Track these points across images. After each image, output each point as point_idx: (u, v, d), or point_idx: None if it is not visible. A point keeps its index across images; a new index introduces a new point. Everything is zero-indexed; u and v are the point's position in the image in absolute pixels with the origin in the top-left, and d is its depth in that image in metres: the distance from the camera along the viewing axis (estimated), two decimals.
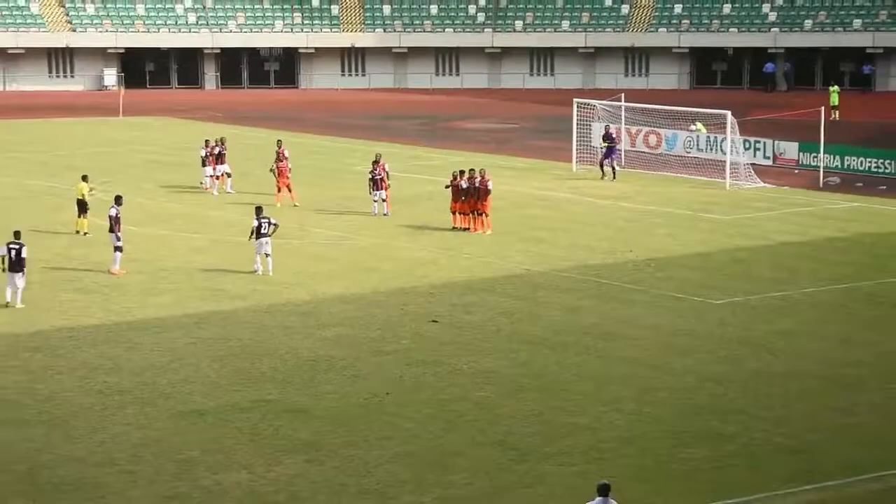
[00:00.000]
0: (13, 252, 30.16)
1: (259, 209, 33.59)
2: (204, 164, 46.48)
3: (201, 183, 46.71)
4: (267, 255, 32.77)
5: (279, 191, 43.45)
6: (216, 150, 46.29)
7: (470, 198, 39.45)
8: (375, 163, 42.41)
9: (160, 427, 22.18)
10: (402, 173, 48.22)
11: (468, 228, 39.47)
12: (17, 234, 30.88)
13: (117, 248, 33.33)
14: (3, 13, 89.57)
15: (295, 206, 42.56)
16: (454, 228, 39.66)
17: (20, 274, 30.07)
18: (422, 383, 24.66)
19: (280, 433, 21.92)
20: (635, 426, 22.43)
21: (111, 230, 33.67)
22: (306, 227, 39.73)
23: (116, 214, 33.80)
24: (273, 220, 33.19)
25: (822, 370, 25.87)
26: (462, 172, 40.09)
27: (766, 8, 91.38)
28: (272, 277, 32.74)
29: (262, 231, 32.79)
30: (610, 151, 50.64)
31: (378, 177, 42.03)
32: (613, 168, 50.47)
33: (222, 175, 46.17)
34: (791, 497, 19.59)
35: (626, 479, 19.72)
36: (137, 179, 49.35)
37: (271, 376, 25.00)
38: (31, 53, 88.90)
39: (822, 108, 51.40)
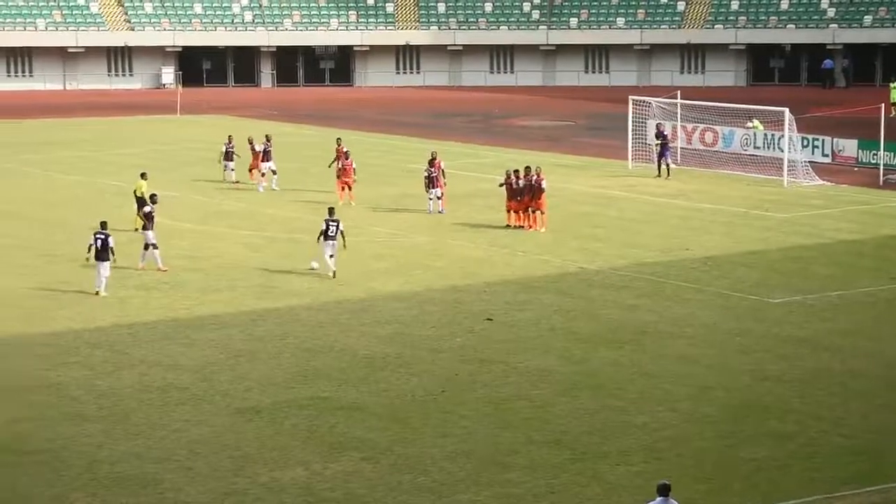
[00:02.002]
0: (99, 241, 30.82)
1: (331, 210, 33.49)
2: (226, 159, 47.87)
3: (232, 181, 47.45)
4: (331, 256, 32.70)
5: (343, 189, 43.65)
6: (261, 148, 46.67)
7: (525, 196, 39.40)
8: (431, 161, 42.47)
9: (218, 424, 22.33)
10: (456, 171, 48.20)
11: (523, 226, 39.42)
12: (103, 225, 31.68)
13: (152, 246, 33.44)
14: (64, 13, 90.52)
15: (351, 204, 42.67)
16: (508, 226, 39.63)
17: (106, 263, 30.83)
18: (477, 381, 24.66)
19: (336, 430, 22.00)
20: (692, 426, 22.30)
21: (145, 228, 33.82)
22: (362, 225, 39.80)
23: (151, 212, 34.05)
24: (341, 227, 32.94)
25: (882, 370, 25.59)
26: (517, 171, 40.06)
27: (824, 4, 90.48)
28: (328, 275, 32.79)
29: (329, 234, 32.64)
30: (664, 149, 50.40)
31: (433, 175, 42.09)
32: (668, 165, 50.24)
33: (267, 172, 46.46)
34: (853, 498, 19.38)
35: (683, 479, 19.61)
36: (194, 177, 49.69)
37: (327, 374, 25.09)
38: (91, 52, 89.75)
39: (882, 104, 50.82)
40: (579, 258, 35.45)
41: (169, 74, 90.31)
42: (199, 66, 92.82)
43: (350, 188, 43.67)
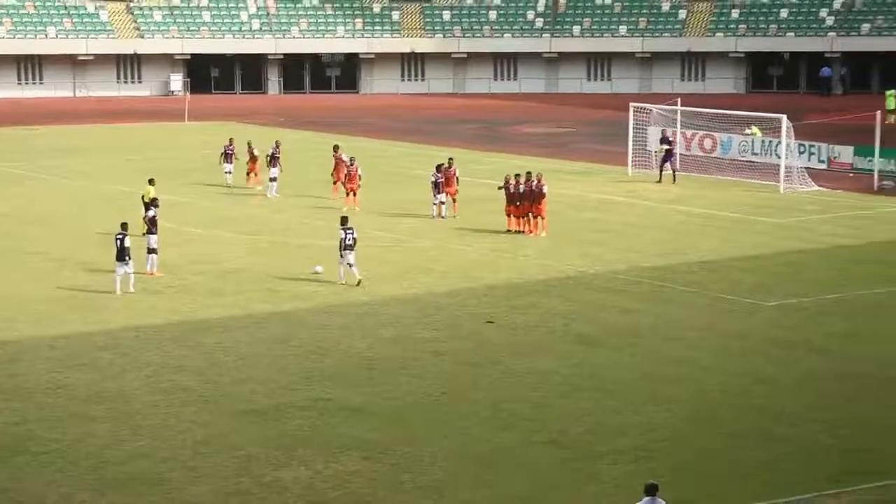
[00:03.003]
0: (118, 241, 31.30)
1: (344, 219, 33.35)
2: (225, 161, 48.80)
3: (229, 183, 48.48)
4: (350, 265, 32.64)
5: (347, 194, 43.82)
6: (269, 152, 46.92)
7: (525, 201, 39.51)
8: (439, 167, 42.58)
9: (222, 425, 22.46)
10: (460, 176, 48.19)
11: (523, 231, 39.55)
12: (123, 226, 31.98)
13: (153, 251, 33.60)
14: (74, 21, 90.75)
15: (355, 210, 42.77)
16: (508, 231, 39.76)
17: (123, 263, 31.38)
18: (477, 383, 24.77)
19: (338, 431, 22.12)
20: (688, 427, 22.40)
21: (150, 232, 33.92)
22: (365, 230, 39.88)
23: (154, 216, 34.21)
24: (355, 234, 32.71)
25: (877, 371, 25.68)
26: (517, 175, 40.18)
27: (823, 12, 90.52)
28: (333, 279, 32.88)
29: (347, 242, 32.61)
30: (668, 155, 50.53)
31: (440, 180, 42.26)
32: (673, 172, 50.38)
33: (275, 178, 46.68)
34: (844, 496, 19.49)
35: (679, 479, 19.73)
36: (201, 182, 49.83)
37: (330, 376, 25.21)
38: (100, 60, 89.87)
39: (878, 111, 50.87)
40: (579, 262, 35.56)
41: (177, 82, 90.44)
42: (207, 73, 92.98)
43: (355, 194, 43.81)
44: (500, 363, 25.99)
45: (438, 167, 42.69)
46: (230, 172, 48.77)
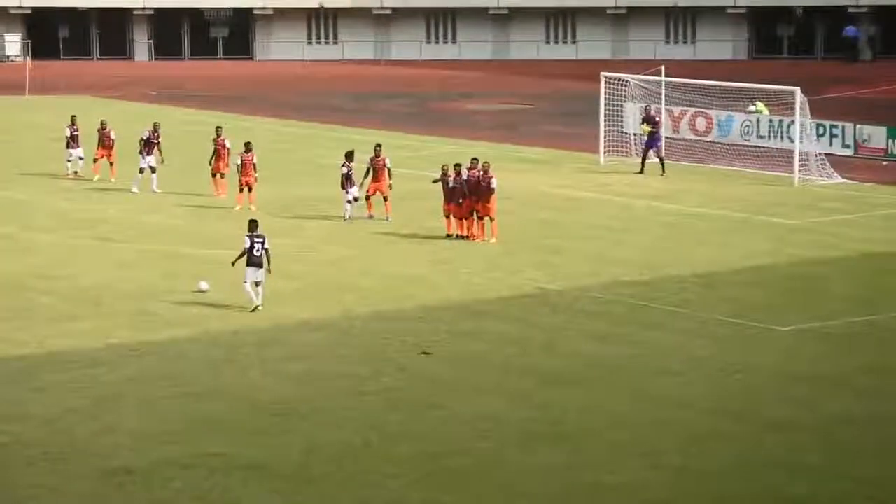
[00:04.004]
0: None
1: (253, 223, 32.78)
2: (68, 146, 48.98)
3: (73, 172, 48.92)
4: (257, 283, 32.37)
5: (241, 190, 43.67)
6: (146, 136, 46.77)
7: (468, 198, 39.57)
8: (349, 154, 42.49)
9: (77, 490, 22.18)
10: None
11: (467, 236, 39.63)
12: None
13: None
14: None
15: (250, 209, 42.65)
16: (448, 236, 39.82)
17: None
18: (410, 432, 24.75)
19: (231, 496, 21.97)
20: (679, 486, 22.49)
21: None
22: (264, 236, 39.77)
23: None
24: (267, 244, 32.21)
25: None
26: (458, 166, 40.24)
27: None
28: (222, 299, 32.75)
29: (255, 253, 32.26)
30: (653, 139, 50.71)
31: (351, 172, 42.13)
32: (661, 160, 50.62)
33: (146, 169, 46.51)
34: None
35: None
36: (50, 175, 49.44)
37: (219, 424, 25.07)
38: None
39: None
40: (538, 276, 35.68)
41: (15, 44, 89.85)
42: (54, 33, 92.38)
43: (250, 189, 43.69)
44: (440, 406, 25.99)
45: (349, 155, 42.52)
46: (81, 158, 48.61)
